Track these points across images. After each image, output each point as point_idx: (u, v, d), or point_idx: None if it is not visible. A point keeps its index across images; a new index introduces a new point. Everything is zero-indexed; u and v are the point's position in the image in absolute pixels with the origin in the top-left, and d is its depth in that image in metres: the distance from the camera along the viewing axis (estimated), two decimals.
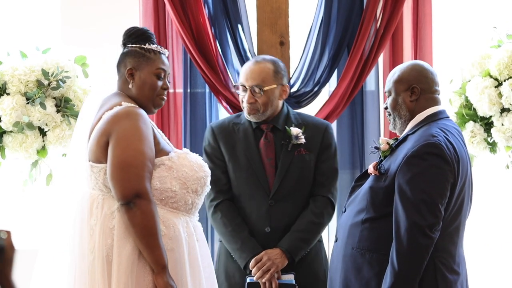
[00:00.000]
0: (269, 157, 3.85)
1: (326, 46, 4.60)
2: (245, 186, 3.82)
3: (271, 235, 3.81)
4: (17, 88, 4.10)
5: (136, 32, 3.24)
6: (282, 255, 3.77)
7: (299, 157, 3.85)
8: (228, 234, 3.81)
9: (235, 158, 3.85)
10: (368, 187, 3.24)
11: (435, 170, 3.10)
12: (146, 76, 3.21)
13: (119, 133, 3.05)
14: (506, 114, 4.24)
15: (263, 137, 3.89)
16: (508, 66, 4.21)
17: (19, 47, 4.25)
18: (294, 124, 3.91)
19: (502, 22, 4.53)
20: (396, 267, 3.06)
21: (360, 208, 3.24)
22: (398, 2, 4.57)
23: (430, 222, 3.07)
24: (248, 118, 3.90)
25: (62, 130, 4.13)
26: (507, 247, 4.92)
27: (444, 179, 3.11)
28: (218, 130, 3.95)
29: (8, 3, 4.80)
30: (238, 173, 3.83)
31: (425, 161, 3.10)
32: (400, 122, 3.32)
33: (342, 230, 3.31)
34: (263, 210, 3.82)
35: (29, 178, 4.22)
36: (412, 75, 3.30)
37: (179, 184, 3.13)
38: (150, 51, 3.22)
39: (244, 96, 3.87)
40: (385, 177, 3.19)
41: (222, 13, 4.54)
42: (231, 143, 3.90)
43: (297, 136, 3.86)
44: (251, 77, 3.87)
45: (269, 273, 3.73)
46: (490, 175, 4.82)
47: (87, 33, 4.59)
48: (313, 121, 3.99)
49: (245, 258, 3.78)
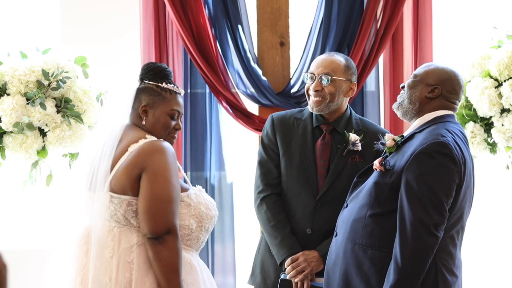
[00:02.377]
0: (323, 159, 3.81)
1: (326, 46, 4.60)
2: (294, 183, 3.80)
3: (311, 237, 3.79)
4: (17, 89, 4.10)
5: (155, 69, 3.23)
6: (319, 259, 3.75)
7: (352, 163, 3.80)
8: (270, 229, 3.79)
9: (290, 154, 3.82)
10: (372, 183, 3.24)
11: (443, 169, 3.11)
12: (160, 115, 3.21)
13: (156, 167, 3.05)
14: (506, 114, 4.24)
15: (320, 138, 3.83)
16: (508, 67, 4.21)
17: (19, 48, 4.25)
18: (355, 129, 3.83)
19: (502, 23, 4.53)
20: (400, 264, 3.06)
21: (364, 204, 3.24)
22: (398, 3, 4.58)
23: (436, 220, 3.07)
24: (312, 111, 3.82)
25: (62, 131, 4.13)
26: (507, 247, 4.93)
27: (451, 179, 3.12)
28: (278, 122, 3.89)
29: (8, 3, 4.80)
30: (290, 169, 3.79)
31: (434, 159, 3.11)
32: (408, 107, 3.32)
33: (344, 225, 3.30)
34: (307, 211, 3.80)
35: (29, 179, 4.21)
36: (443, 76, 3.30)
37: (196, 222, 3.16)
38: (166, 91, 3.22)
39: (312, 84, 3.80)
40: (391, 173, 3.19)
41: (222, 14, 4.54)
42: (288, 138, 3.85)
43: (354, 143, 3.79)
44: (322, 65, 3.81)
45: (303, 274, 3.72)
46: (490, 176, 4.82)
47: (87, 33, 4.59)
48: (374, 128, 3.89)
49: (282, 255, 3.77)
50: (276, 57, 4.54)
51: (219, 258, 4.64)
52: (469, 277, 4.71)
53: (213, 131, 4.62)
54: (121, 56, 4.62)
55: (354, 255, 3.22)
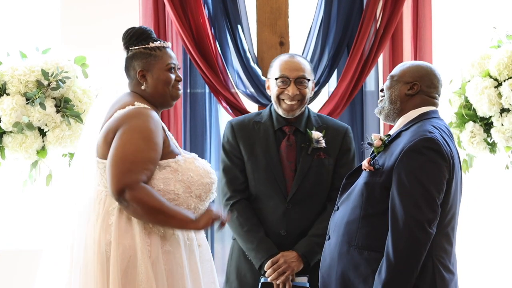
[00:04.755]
0: (290, 161, 3.83)
1: (326, 46, 4.60)
2: (263, 187, 3.80)
3: (286, 238, 3.81)
4: (17, 89, 4.10)
5: (136, 33, 3.23)
6: (298, 258, 3.76)
7: (318, 161, 3.82)
8: (244, 234, 3.79)
9: (254, 158, 3.83)
10: (363, 183, 3.24)
11: (432, 164, 3.11)
12: (158, 74, 3.22)
13: (125, 129, 3.05)
14: (506, 114, 4.23)
15: (285, 140, 3.85)
16: (508, 67, 4.21)
17: (19, 47, 4.25)
18: (315, 126, 3.87)
19: (502, 22, 4.53)
20: (393, 261, 3.06)
21: (356, 205, 3.24)
22: (398, 2, 4.57)
23: (429, 216, 3.07)
24: (285, 116, 3.83)
25: (62, 131, 4.13)
26: (507, 247, 4.92)
27: (442, 174, 3.12)
28: (238, 128, 3.91)
29: (8, 3, 4.81)
30: (257, 173, 3.80)
31: (423, 155, 3.11)
32: (389, 108, 3.33)
33: (337, 228, 3.30)
34: (279, 213, 3.81)
35: (29, 179, 4.22)
36: (420, 72, 3.32)
37: (183, 187, 3.12)
38: (156, 49, 3.22)
39: (285, 88, 3.81)
40: (380, 173, 3.19)
41: (222, 14, 4.55)
42: (251, 142, 3.86)
43: (318, 140, 3.82)
44: (296, 68, 3.82)
45: (284, 276, 3.73)
46: (490, 175, 4.82)
47: (87, 33, 4.59)
48: (333, 124, 3.95)
49: (261, 259, 3.77)
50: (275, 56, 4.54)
51: (219, 258, 4.64)
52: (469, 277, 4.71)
53: (213, 131, 4.62)
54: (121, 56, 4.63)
55: (350, 257, 3.22)
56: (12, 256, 4.74)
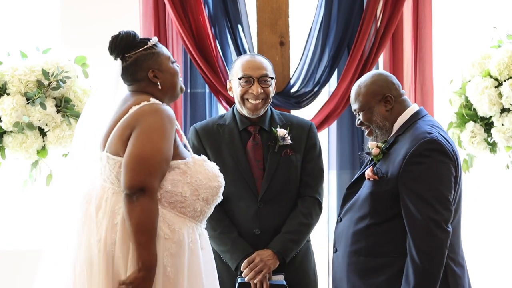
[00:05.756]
0: (258, 159, 3.84)
1: (326, 46, 4.60)
2: (232, 188, 3.79)
3: (260, 237, 3.81)
4: (17, 88, 4.10)
5: (124, 39, 3.17)
6: (274, 256, 3.76)
7: (286, 158, 3.84)
8: (217, 237, 3.79)
9: (222, 160, 3.80)
10: (368, 193, 3.23)
11: (439, 165, 3.12)
12: (167, 68, 3.21)
13: (143, 127, 3.03)
14: (506, 114, 4.24)
15: (251, 139, 3.86)
16: (508, 66, 4.21)
17: (19, 47, 4.25)
18: (279, 124, 3.88)
19: (502, 22, 4.53)
20: (420, 265, 3.06)
21: (362, 215, 3.23)
22: (398, 2, 4.58)
23: (446, 216, 3.09)
24: (249, 115, 3.84)
25: (62, 130, 4.13)
26: (507, 246, 4.92)
27: (449, 172, 3.13)
28: (202, 132, 3.90)
29: (8, 3, 4.81)
30: (225, 175, 3.79)
31: (428, 157, 3.12)
32: (382, 133, 3.33)
33: (343, 239, 3.29)
34: (252, 212, 3.81)
35: (29, 178, 4.22)
36: (380, 84, 3.32)
37: (191, 190, 3.11)
38: (154, 46, 3.22)
39: (249, 87, 3.81)
40: (386, 181, 3.19)
41: (222, 14, 4.54)
42: (217, 145, 3.87)
43: (283, 137, 3.84)
44: (259, 66, 3.82)
45: (261, 274, 3.73)
46: (490, 175, 4.82)
47: (87, 33, 4.58)
48: (297, 120, 3.96)
49: (236, 259, 3.77)
50: (276, 57, 4.54)
51: None
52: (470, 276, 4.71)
53: None
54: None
55: (360, 266, 3.22)
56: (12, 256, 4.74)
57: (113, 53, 3.19)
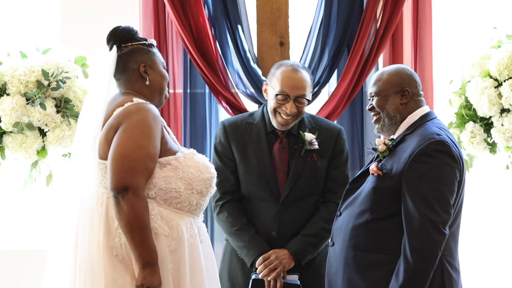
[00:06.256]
0: (283, 163, 3.82)
1: (326, 46, 4.60)
2: (255, 189, 3.80)
3: (277, 240, 3.81)
4: (17, 89, 4.10)
5: (124, 30, 3.18)
6: (290, 256, 3.77)
7: (311, 163, 3.82)
8: (234, 233, 3.80)
9: (247, 160, 3.82)
10: (371, 188, 3.24)
11: (444, 167, 3.12)
12: (159, 70, 3.22)
13: (125, 126, 3.03)
14: (506, 114, 4.23)
15: (277, 142, 3.85)
16: (508, 67, 4.21)
17: (19, 48, 4.26)
18: (308, 128, 3.87)
19: (502, 23, 4.53)
20: (412, 264, 3.07)
21: (363, 209, 3.24)
22: (398, 2, 4.57)
23: (444, 218, 3.09)
24: (279, 128, 3.82)
25: (62, 131, 4.13)
26: (507, 246, 4.92)
27: (453, 175, 3.14)
28: (230, 129, 3.90)
29: (8, 4, 4.81)
30: (249, 175, 3.79)
31: (434, 158, 3.12)
32: (390, 123, 3.33)
33: (342, 233, 3.29)
34: (271, 215, 3.81)
35: (29, 179, 4.22)
36: (403, 77, 3.32)
37: (184, 184, 3.12)
38: (152, 46, 3.22)
39: (284, 105, 3.77)
40: (390, 177, 3.19)
41: (222, 14, 4.54)
42: (243, 144, 3.86)
43: (311, 142, 3.81)
44: (297, 86, 3.78)
45: (275, 272, 3.73)
46: (490, 175, 4.82)
47: (87, 34, 4.59)
48: (326, 125, 3.94)
49: (252, 256, 3.77)
50: (276, 57, 4.54)
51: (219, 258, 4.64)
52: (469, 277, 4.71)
53: (213, 131, 4.61)
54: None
55: (357, 261, 3.22)
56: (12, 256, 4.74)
57: (110, 41, 3.18)
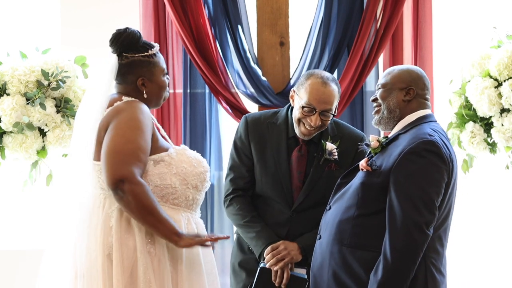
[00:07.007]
0: (299, 171, 3.79)
1: (326, 46, 4.60)
2: (269, 191, 3.78)
3: (286, 240, 3.80)
4: (17, 89, 4.10)
5: (128, 38, 3.16)
6: (299, 249, 3.75)
7: (328, 173, 3.77)
8: (244, 224, 3.78)
9: (264, 161, 3.79)
10: (359, 183, 3.24)
11: (432, 167, 3.12)
12: (157, 80, 3.21)
13: (114, 124, 3.05)
14: (506, 114, 4.23)
15: (297, 149, 3.79)
16: (508, 67, 4.21)
17: (19, 48, 4.26)
18: (330, 135, 3.80)
19: (502, 23, 4.53)
20: (390, 261, 3.06)
21: (350, 204, 3.24)
22: (398, 2, 4.58)
23: (428, 218, 3.08)
24: (301, 137, 3.76)
25: (62, 131, 4.13)
26: (507, 246, 4.92)
27: (441, 177, 3.13)
28: (252, 126, 3.84)
29: (8, 4, 4.81)
30: (265, 177, 3.76)
31: (423, 158, 3.12)
32: (388, 117, 3.32)
33: (329, 227, 3.29)
34: (283, 218, 3.79)
35: (29, 179, 4.22)
36: (412, 76, 3.32)
37: (179, 180, 3.13)
38: (153, 56, 3.21)
39: (309, 117, 3.70)
40: (378, 173, 3.19)
41: (222, 14, 4.55)
42: (263, 144, 3.81)
43: (331, 152, 3.77)
44: (325, 101, 3.69)
45: (283, 262, 3.71)
46: (490, 175, 4.82)
47: (87, 34, 4.59)
48: (349, 132, 3.86)
49: (261, 246, 3.75)
50: (276, 57, 4.54)
51: (219, 258, 4.64)
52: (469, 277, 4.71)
53: (213, 131, 4.62)
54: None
55: (342, 257, 3.22)
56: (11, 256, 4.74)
57: (112, 46, 3.18)
